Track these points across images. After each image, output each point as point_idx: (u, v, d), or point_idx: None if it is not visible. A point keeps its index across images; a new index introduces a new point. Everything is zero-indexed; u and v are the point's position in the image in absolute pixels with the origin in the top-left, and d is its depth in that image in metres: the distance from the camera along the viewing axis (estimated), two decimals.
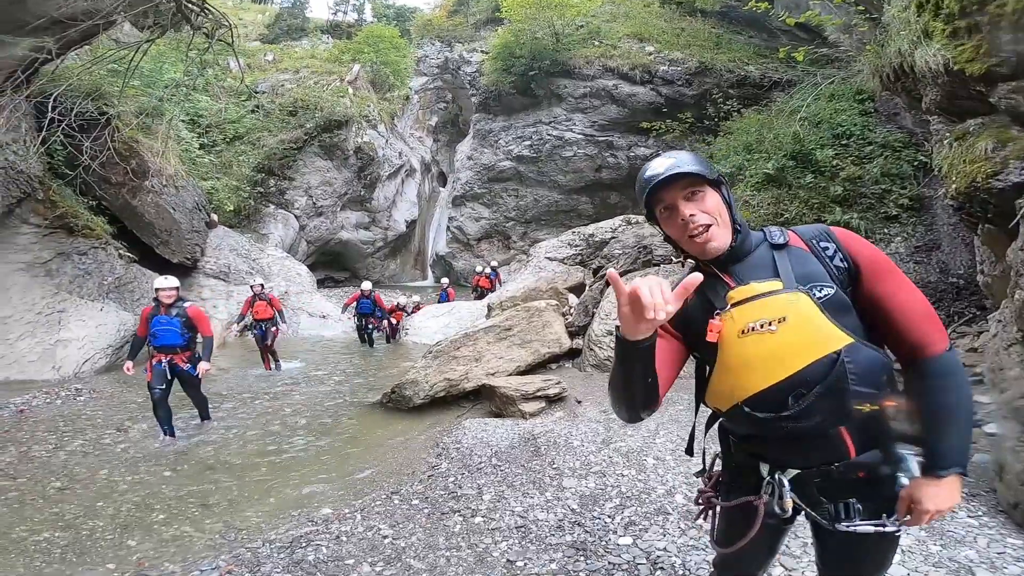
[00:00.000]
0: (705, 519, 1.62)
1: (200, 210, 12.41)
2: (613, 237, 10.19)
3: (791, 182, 7.79)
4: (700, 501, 1.61)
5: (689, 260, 1.42)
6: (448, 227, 23.91)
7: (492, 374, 6.53)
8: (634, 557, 2.97)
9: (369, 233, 22.13)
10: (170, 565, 3.26)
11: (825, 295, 1.26)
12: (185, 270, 11.79)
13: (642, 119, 17.74)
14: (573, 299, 8.37)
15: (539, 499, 3.71)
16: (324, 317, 12.91)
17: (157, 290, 5.81)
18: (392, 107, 24.79)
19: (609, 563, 2.96)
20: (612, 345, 5.91)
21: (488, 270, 17.10)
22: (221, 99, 18.22)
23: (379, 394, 6.91)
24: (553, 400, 5.81)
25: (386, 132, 22.83)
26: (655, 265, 7.79)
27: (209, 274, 12.07)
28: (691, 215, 1.29)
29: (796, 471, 1.36)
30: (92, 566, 3.35)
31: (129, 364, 5.84)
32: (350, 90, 21.82)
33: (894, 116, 8.38)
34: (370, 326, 11.72)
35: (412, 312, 13.72)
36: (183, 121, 14.61)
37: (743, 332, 1.29)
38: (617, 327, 1.17)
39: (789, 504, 1.34)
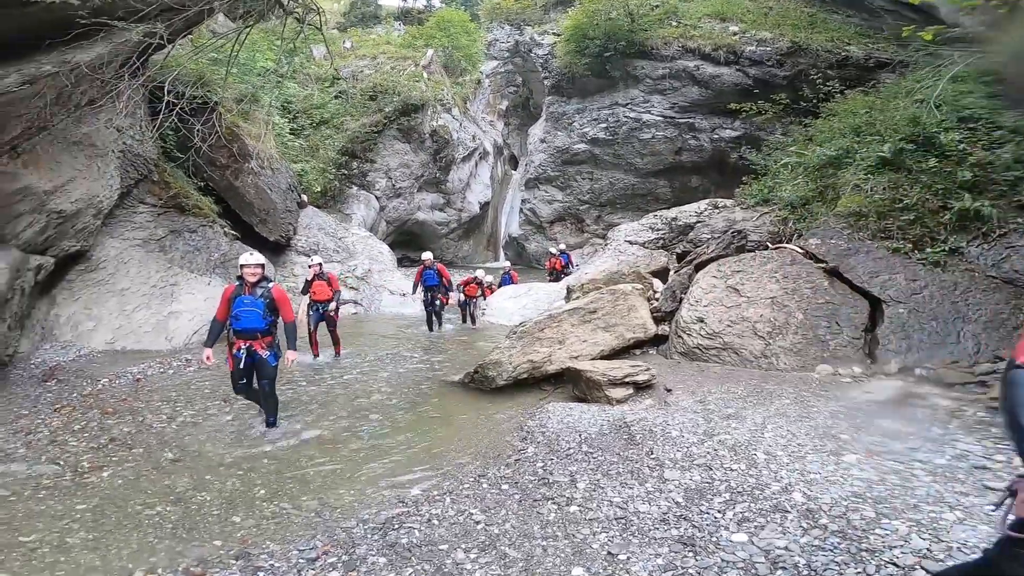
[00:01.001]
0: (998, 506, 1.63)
1: (292, 191, 13.09)
2: (699, 221, 9.76)
3: (910, 166, 7.16)
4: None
5: None
6: (521, 209, 23.88)
7: (575, 357, 6.44)
8: (751, 555, 2.82)
9: (444, 214, 22.51)
10: (271, 544, 3.35)
11: None
12: (279, 248, 12.56)
13: (728, 100, 17.10)
14: (658, 284, 8.09)
15: (639, 490, 3.60)
16: (404, 295, 13.23)
17: (242, 267, 5.27)
18: (464, 91, 24.96)
19: (722, 560, 2.82)
20: (701, 333, 5.63)
21: (557, 252, 16.94)
22: (307, 86, 19.04)
23: (460, 374, 6.95)
24: (641, 387, 5.64)
25: (459, 115, 23.02)
26: (748, 251, 7.37)
27: (300, 251, 12.73)
28: None
29: None
30: (201, 542, 3.43)
31: (208, 352, 5.29)
32: (425, 75, 22.12)
33: None
34: (437, 301, 10.79)
35: (484, 294, 13.59)
36: (274, 107, 15.31)
37: None
38: None
39: None
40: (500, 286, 14.39)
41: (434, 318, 10.85)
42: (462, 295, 11.82)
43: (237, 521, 3.71)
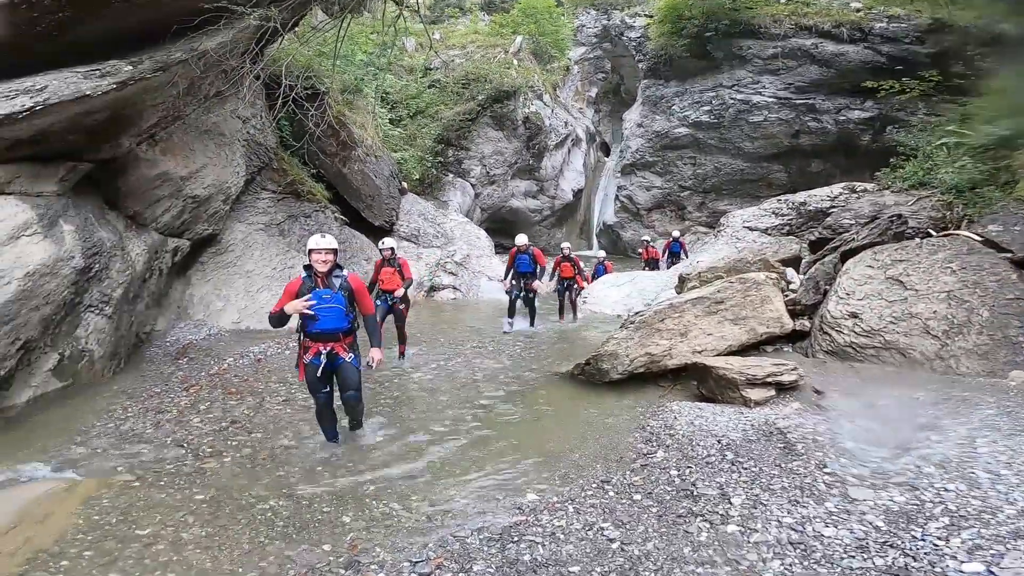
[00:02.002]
0: None
1: (394, 178, 13.44)
2: (834, 206, 8.78)
3: None
4: None
5: None
6: (617, 196, 23.13)
7: (699, 352, 5.87)
8: None
9: (537, 201, 22.27)
10: (380, 551, 3.12)
11: None
12: (383, 232, 12.83)
13: (854, 79, 15.96)
14: (792, 273, 7.26)
15: (816, 510, 3.07)
16: (503, 281, 13.13)
17: (310, 252, 4.39)
18: (553, 78, 24.51)
19: None
20: (855, 330, 4.86)
21: (658, 239, 16.19)
22: (403, 77, 19.45)
23: (568, 364, 6.58)
24: (785, 388, 4.98)
25: (551, 102, 22.60)
26: (908, 237, 6.41)
27: (403, 237, 13.03)
28: None
29: None
30: (311, 545, 3.28)
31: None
32: (515, 62, 21.87)
33: None
34: (531, 293, 9.83)
35: (580, 282, 12.85)
36: (375, 97, 15.70)
37: None
38: None
39: None
40: (594, 277, 13.76)
41: (517, 308, 9.70)
42: (554, 281, 10.80)
43: (347, 522, 3.52)
